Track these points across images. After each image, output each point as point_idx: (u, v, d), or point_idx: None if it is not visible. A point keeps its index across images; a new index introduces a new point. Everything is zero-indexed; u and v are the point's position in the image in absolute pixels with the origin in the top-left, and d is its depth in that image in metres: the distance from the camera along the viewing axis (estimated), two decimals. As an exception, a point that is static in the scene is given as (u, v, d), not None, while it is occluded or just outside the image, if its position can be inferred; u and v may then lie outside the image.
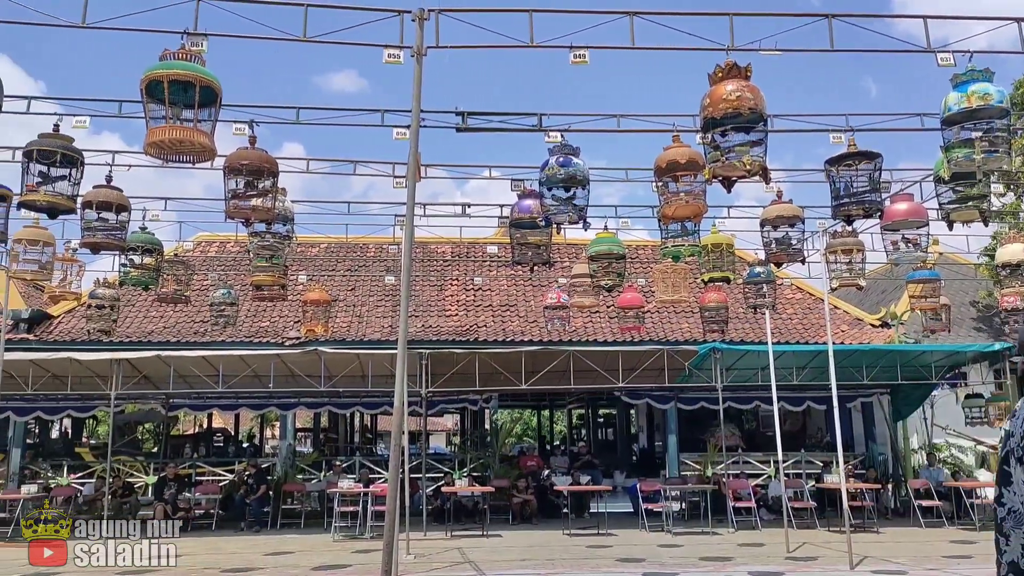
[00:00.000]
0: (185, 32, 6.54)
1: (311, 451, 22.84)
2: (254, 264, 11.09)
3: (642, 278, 19.22)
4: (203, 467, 17.33)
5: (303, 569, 10.30)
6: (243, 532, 14.35)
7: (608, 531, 13.58)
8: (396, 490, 7.46)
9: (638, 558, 10.90)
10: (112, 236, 8.69)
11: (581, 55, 7.43)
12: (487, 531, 13.62)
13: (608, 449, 26.06)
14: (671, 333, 18.16)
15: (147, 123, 6.24)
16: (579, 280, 12.74)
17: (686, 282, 12.51)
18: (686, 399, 17.17)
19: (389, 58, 7.25)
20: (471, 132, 9.07)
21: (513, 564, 10.58)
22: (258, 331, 17.80)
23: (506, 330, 18.21)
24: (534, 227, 9.42)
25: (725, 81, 6.28)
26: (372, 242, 20.85)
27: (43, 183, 7.52)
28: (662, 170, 7.52)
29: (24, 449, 17.20)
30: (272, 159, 7.92)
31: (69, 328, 17.31)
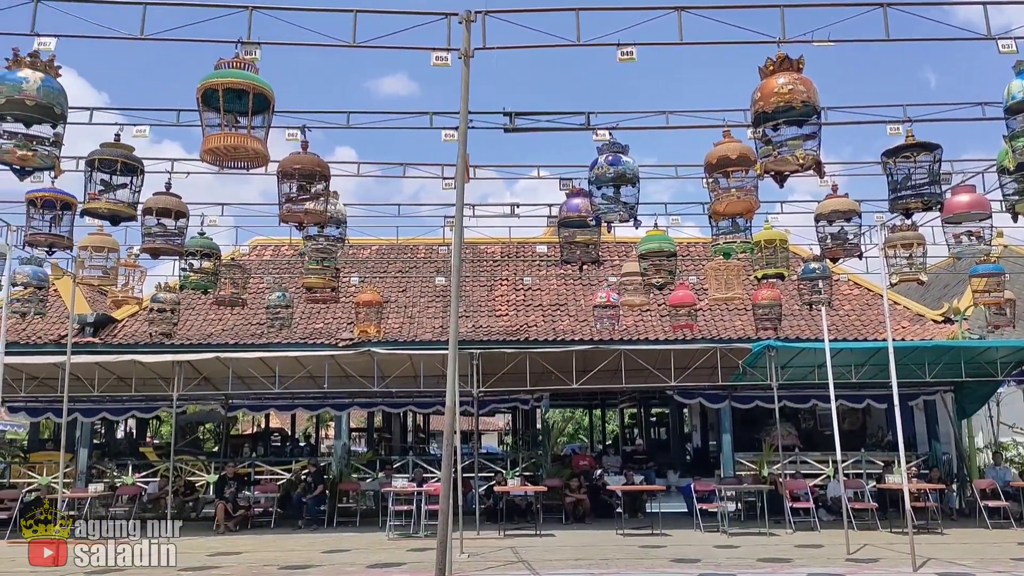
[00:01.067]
0: (239, 41, 6.69)
1: (365, 451, 23.16)
2: (307, 267, 11.31)
3: (693, 275, 19.03)
4: (261, 466, 17.71)
5: (359, 567, 10.45)
6: (301, 530, 14.61)
7: (662, 531, 13.46)
8: (449, 489, 7.52)
9: (693, 559, 10.78)
10: (171, 242, 8.95)
11: (629, 52, 7.38)
12: (540, 530, 13.62)
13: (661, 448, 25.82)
14: (724, 331, 17.93)
15: (203, 131, 6.41)
16: (629, 279, 12.65)
17: (738, 279, 12.32)
18: (740, 398, 16.92)
19: (437, 61, 7.31)
20: (519, 132, 9.09)
21: (567, 563, 10.56)
22: (312, 333, 18.12)
23: (556, 329, 18.19)
24: (583, 226, 9.38)
25: (776, 74, 6.17)
26: (422, 243, 21.05)
27: (105, 191, 7.78)
28: (713, 166, 7.42)
29: (91, 449, 17.82)
30: (324, 163, 8.06)
31: (132, 331, 17.87)
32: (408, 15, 7.43)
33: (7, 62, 6.12)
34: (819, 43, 7.27)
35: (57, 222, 8.32)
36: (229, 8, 7.06)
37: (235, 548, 12.18)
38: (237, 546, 12.43)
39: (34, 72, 6.08)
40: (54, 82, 6.16)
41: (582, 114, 9.08)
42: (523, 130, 9.15)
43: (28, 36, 6.60)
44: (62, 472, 12.90)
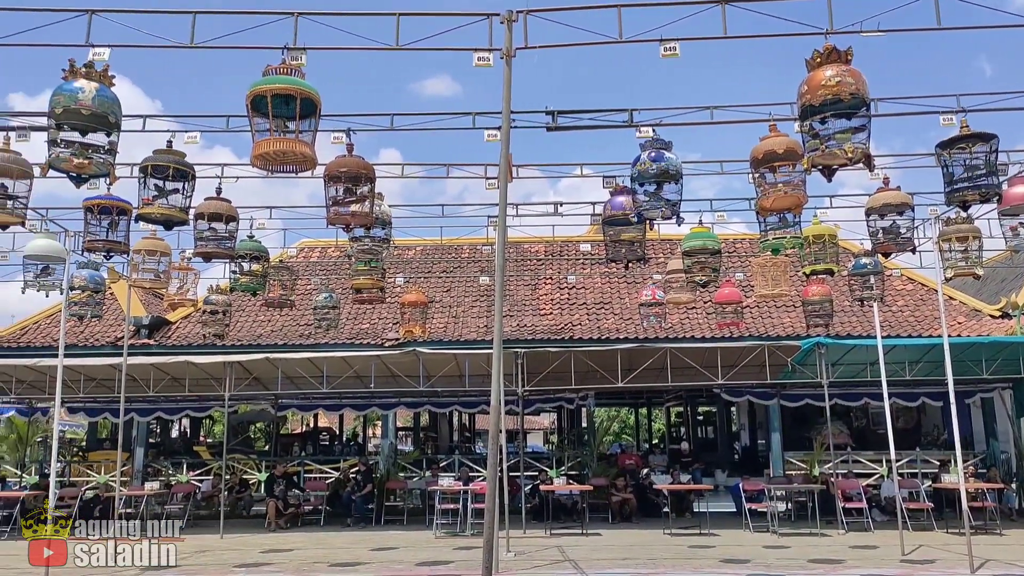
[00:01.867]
0: (285, 47, 6.81)
1: (412, 449, 23.36)
2: (354, 268, 11.46)
3: (740, 272, 18.78)
4: (310, 465, 18.00)
5: (407, 565, 10.55)
6: (349, 528, 14.81)
7: (710, 531, 13.32)
8: (495, 488, 7.55)
9: (743, 559, 10.64)
10: (222, 245, 9.14)
11: (672, 48, 7.31)
12: (586, 530, 13.59)
13: (708, 447, 25.58)
14: (772, 328, 17.67)
15: (253, 136, 6.54)
16: (674, 276, 12.55)
17: (786, 275, 12.13)
18: (789, 396, 16.67)
19: (479, 61, 7.34)
20: (562, 131, 9.07)
21: (614, 563, 10.52)
22: (359, 333, 18.34)
23: (601, 328, 18.12)
24: (627, 224, 9.33)
25: (824, 66, 6.06)
26: (466, 243, 21.15)
27: (158, 196, 7.98)
28: (759, 161, 7.32)
29: (147, 448, 18.33)
30: (369, 165, 8.15)
31: (186, 333, 18.30)
32: (450, 16, 7.48)
33: (63, 73, 6.31)
34: (868, 34, 7.12)
35: (113, 228, 8.56)
36: (275, 15, 7.19)
37: (286, 545, 12.40)
38: (288, 543, 12.66)
39: (89, 82, 6.26)
40: (108, 91, 6.34)
41: (625, 111, 9.02)
42: (565, 128, 9.13)
43: (83, 47, 6.80)
44: (119, 471, 13.26)
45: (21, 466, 18.57)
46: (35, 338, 18.12)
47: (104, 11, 7.08)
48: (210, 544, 12.65)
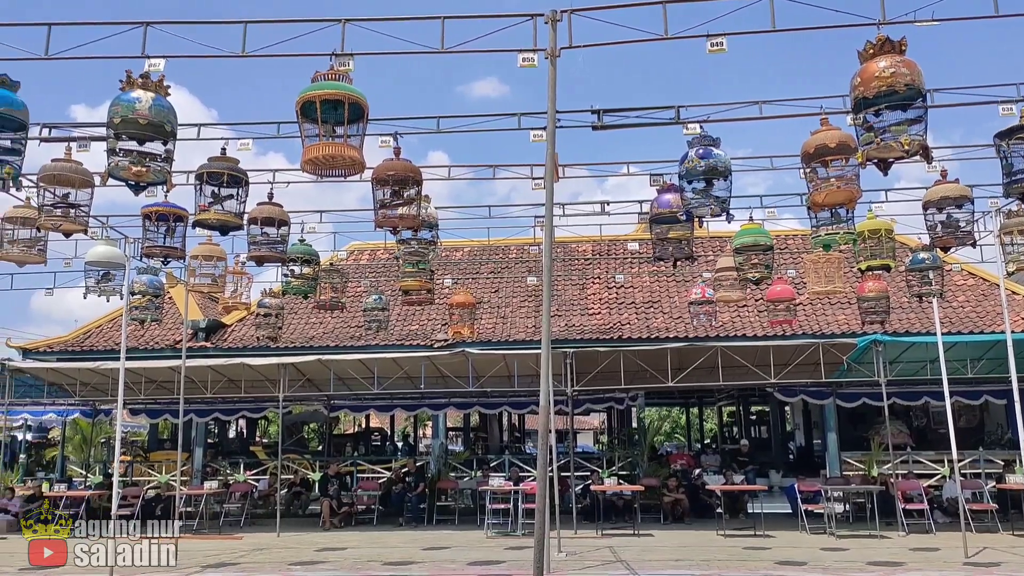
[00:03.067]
0: (333, 54, 6.92)
1: (462, 450, 23.50)
2: (402, 270, 11.59)
3: (792, 269, 18.45)
4: (363, 465, 18.23)
5: (459, 564, 10.61)
6: (402, 527, 14.96)
7: (765, 532, 13.10)
8: (545, 488, 7.55)
9: (799, 561, 10.45)
10: (274, 249, 9.34)
11: (718, 43, 7.22)
12: (638, 530, 13.49)
13: (762, 447, 25.12)
14: (826, 326, 17.33)
15: (303, 142, 6.66)
16: (724, 274, 12.39)
17: (841, 272, 11.88)
18: (846, 395, 16.31)
19: (524, 62, 7.35)
20: (607, 129, 9.03)
21: (666, 564, 10.43)
22: (408, 334, 18.52)
23: (650, 327, 17.98)
24: (675, 221, 9.25)
25: (877, 57, 5.92)
26: (514, 244, 21.19)
27: (214, 203, 8.19)
28: (810, 155, 7.19)
29: (205, 448, 18.78)
30: (416, 168, 8.23)
31: (241, 335, 18.71)
32: (494, 18, 7.50)
33: (121, 84, 6.51)
34: (922, 23, 6.93)
35: (170, 234, 8.81)
36: (323, 23, 7.31)
37: (340, 544, 12.59)
38: (342, 542, 12.84)
39: (146, 92, 6.45)
40: (164, 101, 6.52)
41: (671, 108, 8.94)
42: (611, 127, 9.09)
43: (139, 58, 7.01)
44: (179, 470, 13.63)
45: (86, 466, 19.21)
46: (98, 342, 18.72)
47: (159, 23, 7.28)
48: (267, 542, 12.91)
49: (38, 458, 26.15)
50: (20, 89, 6.66)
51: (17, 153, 6.72)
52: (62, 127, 9.43)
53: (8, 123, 6.60)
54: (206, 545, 12.73)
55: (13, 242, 8.82)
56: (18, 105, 6.59)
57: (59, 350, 18.43)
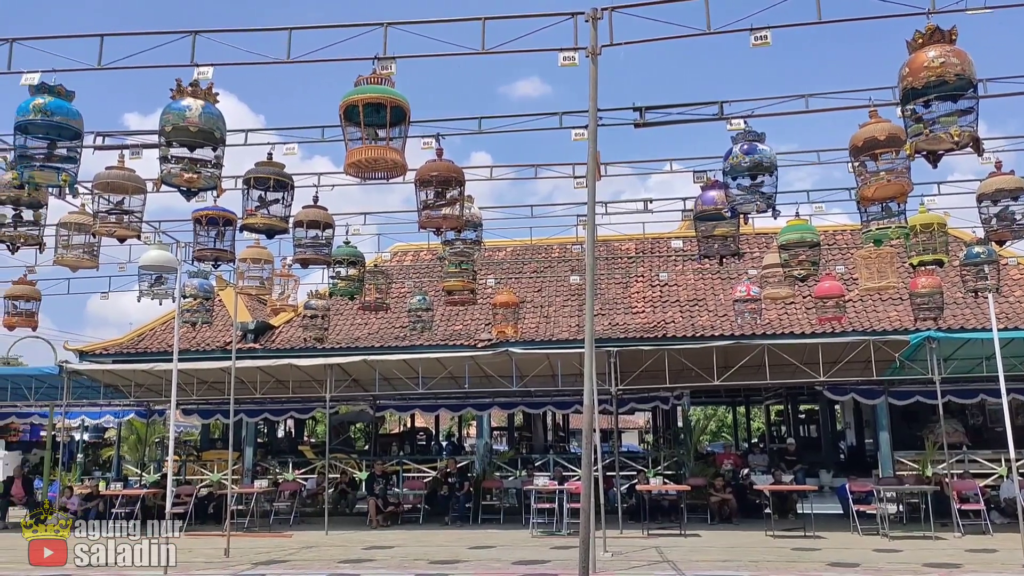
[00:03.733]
0: (375, 57, 6.99)
1: (507, 449, 23.54)
2: (446, 270, 11.66)
3: (841, 265, 18.11)
4: (408, 464, 18.39)
5: (504, 563, 10.64)
6: (447, 526, 15.05)
7: (815, 533, 12.87)
8: (590, 488, 7.53)
9: (851, 563, 10.25)
10: (320, 251, 9.47)
11: (763, 36, 7.12)
12: (684, 530, 13.37)
13: (811, 447, 24.69)
14: (877, 322, 16.97)
15: (346, 145, 6.74)
16: (771, 271, 12.21)
17: (892, 267, 11.60)
18: (898, 393, 15.95)
19: (564, 61, 7.34)
20: (650, 127, 8.96)
21: (714, 564, 10.32)
22: (452, 334, 18.62)
23: (695, 325, 17.80)
24: (720, 219, 9.14)
25: (926, 47, 5.77)
26: (556, 243, 21.17)
27: (260, 207, 8.34)
28: (859, 149, 7.04)
29: (255, 448, 19.13)
30: (459, 169, 8.27)
31: (288, 337, 19.02)
32: (534, 18, 7.50)
33: (171, 92, 6.68)
34: (973, 11, 6.74)
35: (220, 237, 8.99)
36: (366, 27, 7.39)
37: (387, 542, 12.72)
38: (389, 540, 12.98)
39: (195, 100, 6.60)
40: (213, 108, 6.67)
41: (714, 104, 8.83)
42: (654, 124, 9.01)
43: (188, 67, 7.17)
44: (230, 469, 13.90)
45: (141, 465, 19.71)
46: (151, 344, 19.21)
47: (207, 31, 7.44)
48: (316, 540, 13.11)
49: (95, 458, 26.97)
50: (75, 99, 6.87)
51: (73, 161, 6.93)
52: (115, 135, 9.68)
53: (64, 132, 6.80)
54: (257, 543, 12.98)
55: (69, 247, 9.09)
56: (74, 114, 6.79)
57: (114, 352, 18.96)
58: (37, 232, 8.67)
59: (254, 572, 10.14)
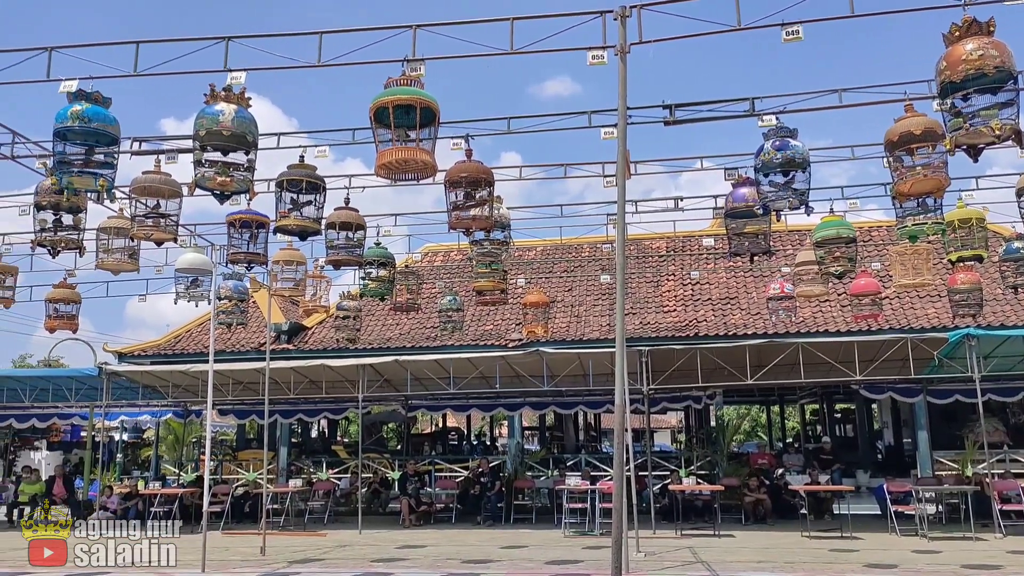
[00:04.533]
0: (405, 60, 7.03)
1: (538, 449, 23.51)
2: (476, 271, 11.69)
3: (877, 262, 17.83)
4: (440, 464, 18.46)
5: (537, 563, 10.64)
6: (479, 526, 15.08)
7: (852, 534, 12.69)
8: (622, 488, 7.50)
9: (889, 564, 10.08)
10: (351, 253, 9.56)
11: (794, 31, 7.03)
12: (718, 531, 13.26)
13: (848, 447, 24.35)
14: (914, 320, 16.67)
15: (376, 147, 6.80)
16: (805, 268, 12.05)
17: (929, 263, 11.40)
18: (937, 392, 15.65)
19: (593, 60, 7.32)
20: (680, 124, 8.90)
21: (748, 565, 10.22)
22: (483, 334, 18.66)
23: (727, 324, 17.64)
24: (751, 216, 9.06)
25: (964, 40, 5.67)
26: (586, 242, 21.11)
27: (293, 209, 8.45)
28: (894, 143, 6.94)
29: (290, 448, 19.34)
30: (488, 170, 8.29)
31: (321, 338, 19.20)
32: (562, 17, 7.49)
33: (205, 97, 6.78)
34: (1012, 2, 6.60)
35: (253, 240, 9.13)
36: (395, 29, 7.43)
37: (419, 541, 12.78)
38: (421, 539, 13.04)
39: (228, 104, 6.70)
40: (246, 112, 6.76)
41: (745, 100, 8.75)
42: (684, 122, 8.95)
43: (221, 72, 7.28)
44: (266, 469, 14.08)
45: (179, 465, 20.03)
46: (188, 345, 19.51)
47: (239, 37, 7.54)
48: (349, 539, 13.22)
49: (134, 457, 27.45)
50: (112, 105, 7.01)
51: (111, 166, 7.07)
52: (151, 140, 9.87)
53: (102, 138, 6.95)
54: (292, 541, 13.13)
55: (109, 251, 9.28)
56: (111, 120, 6.93)
57: (152, 354, 19.29)
58: (77, 236, 8.88)
59: (290, 570, 10.26)
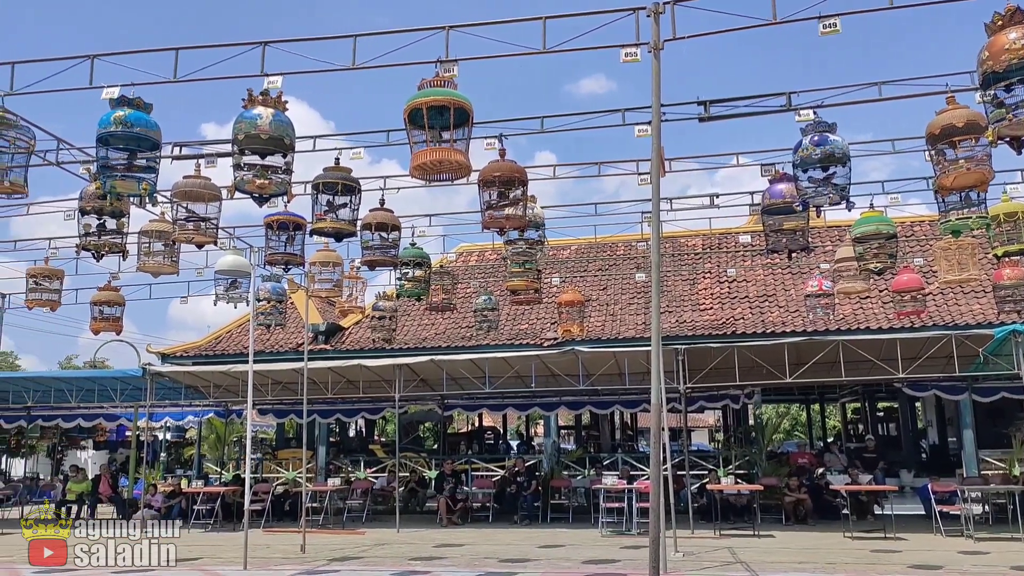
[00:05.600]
0: (438, 61, 7.07)
1: (574, 448, 23.47)
2: (510, 270, 11.70)
3: (920, 257, 17.47)
4: (477, 464, 18.53)
5: (574, 562, 10.62)
6: (516, 525, 15.10)
7: (896, 535, 12.46)
8: (659, 487, 7.46)
9: (934, 565, 9.88)
10: (387, 253, 9.63)
11: (832, 24, 6.93)
12: (758, 531, 13.12)
13: (891, 446, 23.87)
14: (959, 316, 16.31)
15: (411, 148, 6.84)
16: (844, 264, 11.87)
17: (974, 258, 11.14)
18: (983, 389, 15.30)
19: (626, 57, 7.28)
20: (715, 120, 8.82)
21: (789, 566, 10.09)
22: (518, 334, 18.67)
23: (765, 321, 17.43)
24: (789, 212, 8.94)
25: (1006, 29, 5.54)
26: (621, 240, 21.00)
27: (329, 211, 8.54)
28: (936, 136, 6.81)
29: (328, 447, 19.56)
30: (521, 169, 8.30)
31: (358, 338, 19.38)
32: (595, 15, 7.46)
33: (243, 102, 6.89)
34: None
35: (291, 242, 9.24)
36: (428, 31, 7.47)
37: (457, 540, 12.84)
38: (459, 538, 13.10)
39: (266, 108, 6.81)
40: (283, 116, 6.86)
41: (782, 95, 8.63)
42: (719, 118, 8.86)
43: (259, 76, 7.38)
44: (305, 468, 14.25)
45: (221, 464, 20.38)
46: (228, 346, 19.84)
47: (276, 41, 7.65)
48: (388, 538, 13.33)
49: (177, 456, 28.00)
50: (153, 110, 7.15)
51: (153, 171, 7.22)
52: (191, 145, 10.04)
53: (144, 143, 7.09)
54: (332, 540, 13.27)
55: (151, 254, 9.48)
56: (152, 126, 7.07)
57: (194, 354, 19.65)
58: (120, 240, 9.08)
59: (330, 568, 10.37)
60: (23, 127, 7.41)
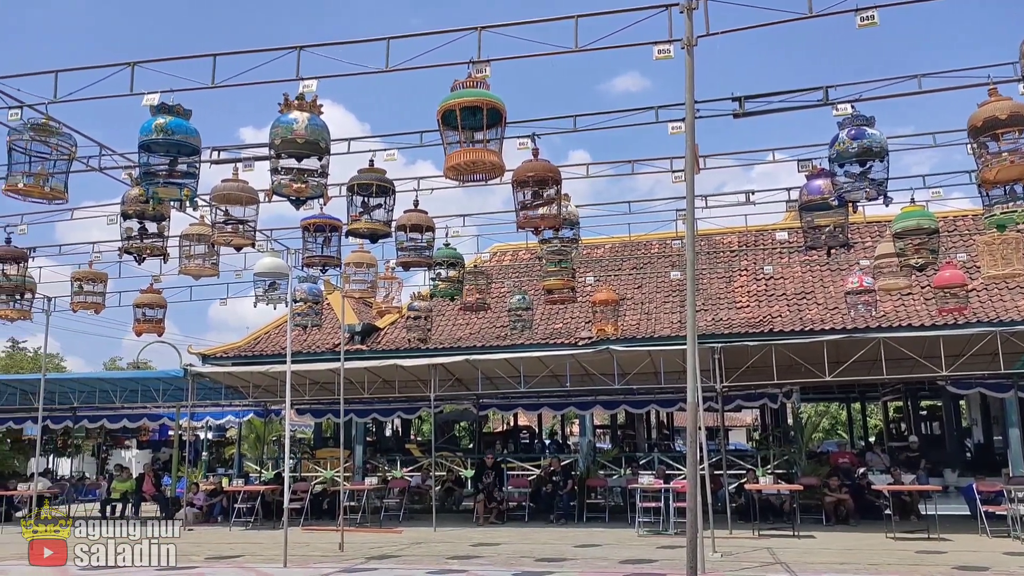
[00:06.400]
0: (470, 61, 7.09)
1: (610, 447, 23.38)
2: (545, 269, 11.71)
3: (963, 253, 17.10)
4: (512, 463, 18.56)
5: (611, 562, 10.60)
6: (552, 524, 15.10)
7: (940, 536, 12.22)
8: (696, 487, 7.40)
9: (979, 566, 9.67)
10: (421, 254, 9.69)
11: (869, 16, 6.81)
12: (798, 531, 12.95)
13: (934, 445, 23.40)
14: (1004, 313, 15.93)
15: (445, 149, 6.88)
16: (885, 260, 11.65)
17: (1019, 253, 10.85)
18: (1029, 387, 14.93)
19: (659, 54, 7.23)
20: (750, 116, 8.71)
21: (830, 567, 9.95)
22: (552, 333, 18.66)
23: (803, 319, 17.20)
24: (826, 208, 8.81)
25: (1052, 16, 5.40)
26: (655, 239, 20.85)
27: (364, 212, 8.62)
28: (978, 129, 6.66)
29: (365, 446, 19.73)
30: (555, 168, 8.29)
31: (393, 338, 19.53)
32: (627, 12, 7.42)
33: (279, 106, 6.98)
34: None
35: (327, 244, 9.35)
36: (460, 32, 7.50)
37: (494, 539, 12.88)
38: (495, 537, 13.13)
39: (301, 112, 6.89)
40: (318, 119, 6.94)
41: (818, 89, 8.49)
42: (754, 114, 8.75)
43: (294, 81, 7.47)
44: (342, 467, 14.40)
45: (260, 463, 20.68)
46: (267, 347, 20.12)
47: (310, 46, 7.73)
48: (425, 536, 13.42)
49: (218, 455, 28.48)
50: (192, 116, 7.28)
51: (193, 176, 7.35)
52: (229, 149, 10.18)
53: (184, 149, 7.23)
54: (369, 538, 13.40)
55: (191, 257, 9.65)
56: (192, 132, 7.21)
57: (233, 355, 19.96)
58: (161, 243, 9.26)
59: (368, 566, 10.48)
60: (65, 134, 7.58)
